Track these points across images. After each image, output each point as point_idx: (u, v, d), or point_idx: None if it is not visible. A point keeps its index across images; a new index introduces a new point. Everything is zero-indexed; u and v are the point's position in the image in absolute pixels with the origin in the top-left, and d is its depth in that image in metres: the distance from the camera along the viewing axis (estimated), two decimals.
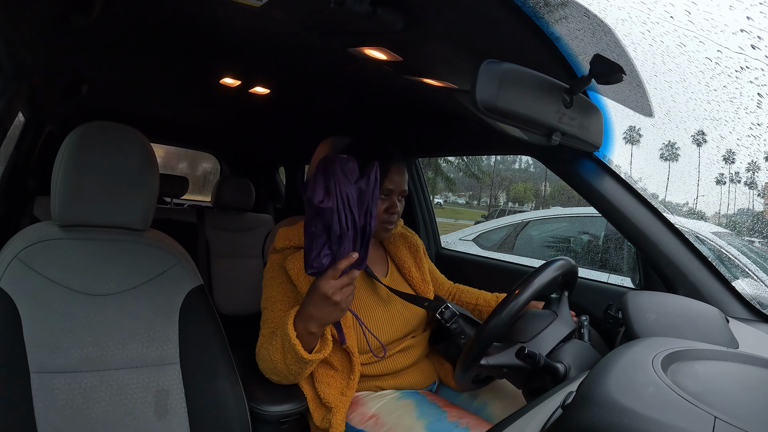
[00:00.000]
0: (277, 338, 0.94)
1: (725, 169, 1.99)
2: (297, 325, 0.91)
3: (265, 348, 0.98)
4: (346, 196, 0.83)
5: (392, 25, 0.79)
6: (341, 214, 0.82)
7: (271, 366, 0.96)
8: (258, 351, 1.02)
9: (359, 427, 1.01)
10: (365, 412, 1.03)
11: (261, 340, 1.03)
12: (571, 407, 0.55)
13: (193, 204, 3.11)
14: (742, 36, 0.72)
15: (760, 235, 1.65)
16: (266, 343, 0.99)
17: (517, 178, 8.54)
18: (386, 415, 1.00)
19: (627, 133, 2.39)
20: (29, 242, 0.88)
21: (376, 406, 1.03)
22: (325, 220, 0.82)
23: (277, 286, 1.05)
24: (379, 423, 0.99)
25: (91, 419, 0.84)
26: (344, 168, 0.83)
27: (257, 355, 1.02)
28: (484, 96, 0.70)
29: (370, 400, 1.05)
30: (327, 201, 0.81)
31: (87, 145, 0.90)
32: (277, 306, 1.04)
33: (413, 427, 0.94)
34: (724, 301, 0.91)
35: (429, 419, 0.94)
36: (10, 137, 1.76)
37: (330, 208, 0.81)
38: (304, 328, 0.90)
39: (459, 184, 12.04)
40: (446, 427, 0.92)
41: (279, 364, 0.94)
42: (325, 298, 0.86)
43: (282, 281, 1.05)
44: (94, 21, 1.01)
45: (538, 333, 0.90)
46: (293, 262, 1.04)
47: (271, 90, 1.55)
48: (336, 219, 0.82)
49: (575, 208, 3.40)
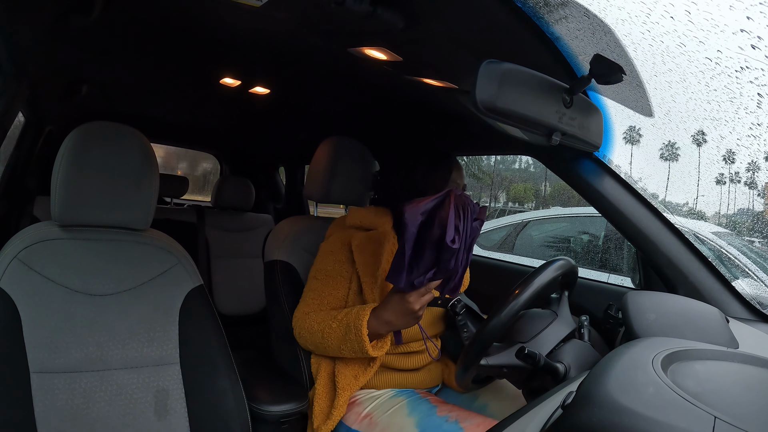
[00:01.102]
0: (340, 324, 0.98)
1: (725, 169, 2.01)
2: (370, 323, 0.95)
3: (318, 323, 1.01)
4: (470, 239, 0.89)
5: (392, 25, 0.79)
6: (460, 253, 0.88)
7: (318, 340, 1.01)
8: (302, 318, 1.05)
9: (354, 426, 1.02)
10: (360, 411, 1.04)
11: (306, 309, 1.06)
12: (571, 407, 0.55)
13: (193, 204, 3.10)
14: (742, 36, 0.72)
15: (760, 235, 1.65)
16: (317, 317, 1.03)
17: (517, 178, 8.54)
18: (380, 414, 1.01)
19: (627, 133, 2.40)
20: (29, 242, 0.88)
21: (371, 405, 1.04)
22: (444, 255, 0.87)
23: (336, 262, 1.08)
24: (373, 422, 1.00)
25: (91, 419, 0.84)
26: (473, 210, 0.89)
27: (299, 320, 1.06)
28: (484, 96, 0.70)
29: (365, 400, 1.06)
30: (456, 242, 0.86)
31: (87, 145, 0.90)
32: (332, 281, 1.07)
33: (405, 425, 0.95)
34: (724, 301, 0.91)
35: (420, 416, 0.96)
36: (10, 137, 1.76)
37: (456, 249, 0.86)
38: (376, 329, 0.95)
39: None
40: (436, 422, 0.94)
41: (330, 342, 0.99)
42: (411, 312, 0.92)
43: (342, 258, 1.08)
44: (94, 21, 1.01)
45: (538, 333, 0.90)
46: (361, 240, 1.07)
47: (271, 90, 1.55)
48: (455, 258, 0.88)
49: (575, 208, 3.40)
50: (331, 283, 1.07)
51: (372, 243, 1.07)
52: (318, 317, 1.03)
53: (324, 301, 1.07)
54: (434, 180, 1.10)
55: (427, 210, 0.88)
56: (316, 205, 1.54)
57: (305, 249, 1.24)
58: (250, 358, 1.05)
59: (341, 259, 1.08)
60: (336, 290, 1.07)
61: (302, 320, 1.06)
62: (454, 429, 0.91)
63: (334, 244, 1.10)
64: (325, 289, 1.07)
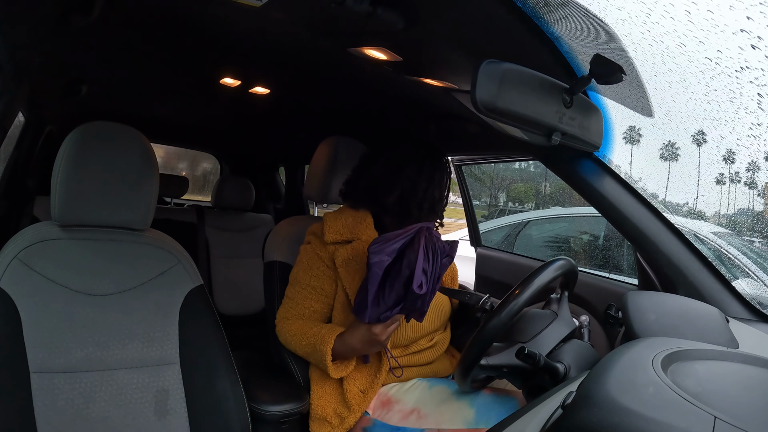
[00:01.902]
0: (309, 343, 1.01)
1: (725, 169, 2.00)
2: (335, 348, 0.97)
3: (292, 335, 1.06)
4: (438, 274, 0.89)
5: (392, 25, 0.79)
6: (428, 296, 0.88)
7: (293, 347, 1.07)
8: (281, 322, 1.09)
9: (401, 425, 0.98)
10: (403, 408, 1.00)
11: (285, 314, 1.09)
12: (571, 407, 0.55)
13: (193, 204, 3.10)
14: (742, 36, 0.72)
15: (760, 235, 1.65)
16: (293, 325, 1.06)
17: (517, 178, 8.52)
18: (427, 406, 0.99)
19: (627, 133, 2.39)
20: (29, 242, 0.88)
21: (413, 400, 1.01)
22: (413, 298, 0.87)
23: (314, 277, 1.08)
24: (422, 415, 0.97)
25: (91, 419, 0.84)
26: (443, 250, 0.90)
27: (279, 322, 1.10)
28: (484, 96, 0.70)
29: (402, 394, 1.03)
30: (423, 287, 0.86)
31: (87, 145, 0.90)
32: (311, 295, 1.08)
33: (460, 409, 0.94)
34: (724, 301, 0.91)
35: (470, 397, 0.95)
36: (10, 137, 1.76)
37: (425, 294, 0.87)
38: (341, 353, 0.99)
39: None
40: (487, 399, 0.93)
41: (301, 352, 1.05)
42: (376, 341, 0.95)
43: (321, 274, 1.08)
44: (94, 21, 1.01)
45: (538, 333, 0.90)
46: (344, 258, 1.06)
47: (271, 90, 1.55)
48: (425, 300, 0.88)
49: (575, 208, 3.39)
50: (308, 296, 1.08)
51: (356, 258, 1.06)
52: (292, 327, 1.06)
53: (300, 311, 1.08)
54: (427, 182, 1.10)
55: (394, 249, 0.89)
56: (316, 204, 1.54)
57: None
58: (250, 358, 1.06)
59: (320, 274, 1.07)
60: (313, 303, 1.08)
61: (280, 324, 1.10)
62: (510, 402, 0.91)
63: (312, 259, 1.09)
64: (304, 302, 1.08)
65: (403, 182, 1.09)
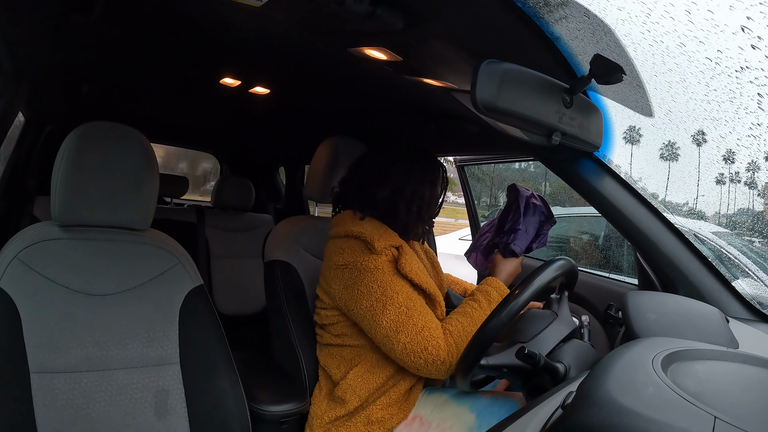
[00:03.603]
0: (480, 305, 1.00)
1: (725, 169, 2.00)
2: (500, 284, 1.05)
3: (455, 326, 0.95)
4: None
5: (392, 25, 0.79)
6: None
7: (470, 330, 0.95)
8: (440, 330, 0.95)
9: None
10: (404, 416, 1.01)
11: (427, 323, 0.95)
12: (571, 407, 0.55)
13: (193, 204, 3.10)
14: (742, 36, 0.72)
15: (760, 235, 1.65)
16: (452, 324, 0.96)
17: (517, 178, 8.53)
18: (429, 413, 0.98)
19: (627, 133, 2.39)
20: (29, 242, 0.88)
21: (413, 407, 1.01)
22: (544, 229, 1.15)
23: (403, 285, 0.99)
24: (425, 422, 0.96)
25: (91, 419, 0.84)
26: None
27: (441, 334, 0.95)
28: (484, 96, 0.70)
29: None
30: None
31: (87, 145, 0.90)
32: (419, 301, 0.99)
33: (461, 414, 0.93)
34: (724, 301, 0.91)
35: (470, 402, 0.95)
36: (10, 137, 1.76)
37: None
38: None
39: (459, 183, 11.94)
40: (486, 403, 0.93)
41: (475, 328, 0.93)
42: (517, 273, 1.12)
43: (401, 280, 0.99)
44: (94, 21, 1.01)
45: (538, 333, 0.90)
46: (405, 259, 1.00)
47: (271, 90, 1.55)
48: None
49: (575, 208, 3.39)
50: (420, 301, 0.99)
51: (408, 258, 1.02)
52: (451, 325, 0.96)
53: (430, 313, 0.99)
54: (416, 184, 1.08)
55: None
56: (316, 204, 1.54)
57: (305, 249, 1.24)
58: (250, 358, 1.05)
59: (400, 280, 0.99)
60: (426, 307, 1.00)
61: (444, 335, 0.95)
62: (510, 404, 0.91)
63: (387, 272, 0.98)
64: (424, 309, 0.98)
65: (393, 182, 1.07)
